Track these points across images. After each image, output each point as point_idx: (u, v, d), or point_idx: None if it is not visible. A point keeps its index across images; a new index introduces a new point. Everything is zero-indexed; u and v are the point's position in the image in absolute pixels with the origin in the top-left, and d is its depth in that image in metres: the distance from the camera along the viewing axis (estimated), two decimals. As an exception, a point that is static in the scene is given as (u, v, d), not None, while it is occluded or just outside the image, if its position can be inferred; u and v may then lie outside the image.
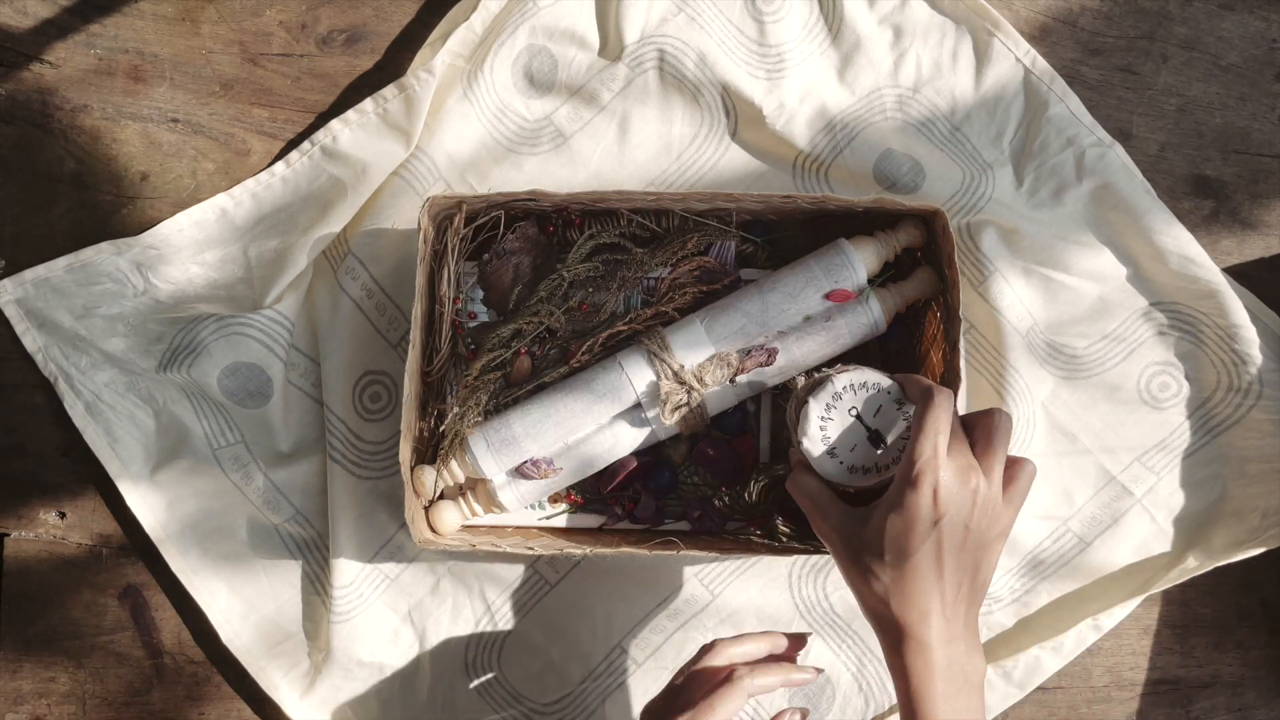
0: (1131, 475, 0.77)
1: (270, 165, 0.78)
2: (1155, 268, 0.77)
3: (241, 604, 0.76)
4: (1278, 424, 0.76)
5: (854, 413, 0.60)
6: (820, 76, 0.79)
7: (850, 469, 0.60)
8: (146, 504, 0.76)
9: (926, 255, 0.73)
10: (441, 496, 0.72)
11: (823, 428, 0.60)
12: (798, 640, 0.63)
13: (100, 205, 0.79)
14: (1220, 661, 0.79)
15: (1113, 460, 0.77)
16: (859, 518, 0.58)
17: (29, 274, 0.76)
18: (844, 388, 0.61)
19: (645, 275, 0.73)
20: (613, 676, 0.77)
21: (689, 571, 0.76)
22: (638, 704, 0.76)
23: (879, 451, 0.60)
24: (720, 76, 0.77)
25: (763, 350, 0.69)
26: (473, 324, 0.74)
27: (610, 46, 0.78)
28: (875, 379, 0.61)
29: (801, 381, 0.65)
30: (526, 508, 0.75)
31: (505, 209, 0.73)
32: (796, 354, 0.70)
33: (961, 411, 0.69)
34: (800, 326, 0.70)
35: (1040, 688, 0.77)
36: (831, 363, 0.69)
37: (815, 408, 0.60)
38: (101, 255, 0.76)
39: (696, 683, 0.59)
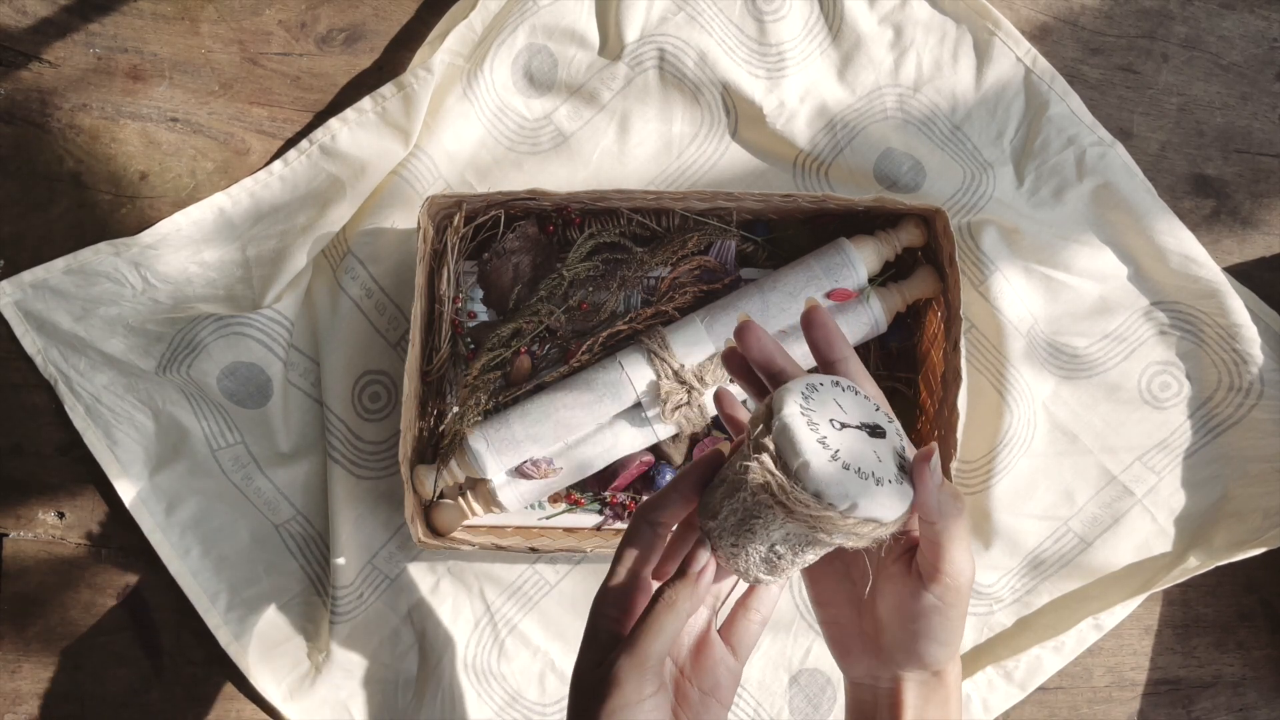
0: (1132, 475, 0.77)
1: (269, 164, 0.78)
2: (1156, 267, 0.77)
3: (242, 605, 0.76)
4: (1279, 424, 0.76)
5: (837, 424, 0.40)
6: (821, 75, 0.79)
7: (897, 479, 0.40)
8: (146, 507, 0.76)
9: (927, 254, 0.73)
10: (441, 496, 0.72)
11: (845, 465, 0.39)
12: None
13: (99, 204, 0.78)
14: (1221, 661, 0.79)
15: (1114, 460, 0.77)
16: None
17: (27, 275, 0.76)
18: (804, 414, 0.40)
19: (645, 275, 0.73)
20: (613, 677, 0.76)
21: (689, 571, 0.76)
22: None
23: (887, 439, 0.41)
24: (720, 75, 0.77)
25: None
26: (472, 323, 0.74)
27: (610, 45, 0.78)
28: (806, 380, 0.42)
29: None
30: (526, 508, 0.74)
31: (505, 208, 0.72)
32: (797, 353, 0.70)
33: (961, 410, 0.69)
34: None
35: (1041, 688, 0.77)
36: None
37: (817, 455, 0.38)
38: (100, 256, 0.76)
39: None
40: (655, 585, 0.44)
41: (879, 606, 0.46)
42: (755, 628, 0.48)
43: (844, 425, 0.40)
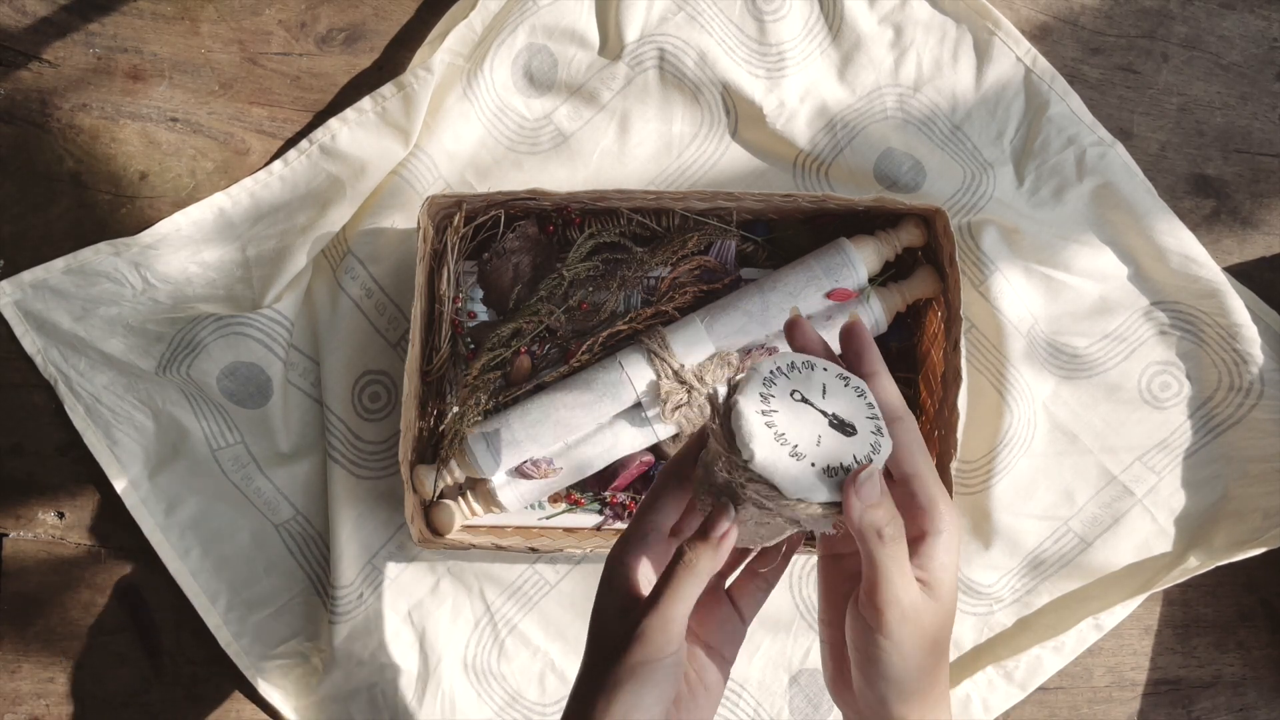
0: (1132, 475, 0.77)
1: (269, 164, 0.78)
2: (1156, 267, 0.77)
3: (242, 605, 0.76)
4: (1279, 424, 0.76)
5: (797, 396, 0.42)
6: (821, 75, 0.79)
7: (827, 470, 0.41)
8: (146, 507, 0.76)
9: (927, 254, 0.73)
10: (441, 496, 0.72)
11: (770, 423, 0.41)
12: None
13: (99, 204, 0.78)
14: (1221, 661, 0.79)
15: (1114, 460, 0.77)
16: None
17: (27, 275, 0.76)
18: (772, 371, 0.43)
19: (645, 274, 0.73)
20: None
21: (689, 571, 0.76)
22: (638, 704, 0.76)
23: (851, 440, 0.42)
24: (720, 75, 0.77)
25: (763, 349, 0.69)
26: (472, 323, 0.74)
27: (610, 45, 0.78)
28: (805, 357, 0.44)
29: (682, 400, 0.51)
30: (526, 508, 0.74)
31: (505, 208, 0.72)
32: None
33: (961, 409, 0.68)
34: (801, 326, 0.70)
35: (1041, 688, 0.77)
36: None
37: (749, 403, 0.41)
38: (100, 256, 0.76)
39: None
40: (672, 541, 0.45)
41: (847, 640, 0.44)
42: (761, 595, 0.48)
43: (804, 400, 0.42)
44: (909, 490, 0.44)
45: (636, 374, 0.69)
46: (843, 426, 0.42)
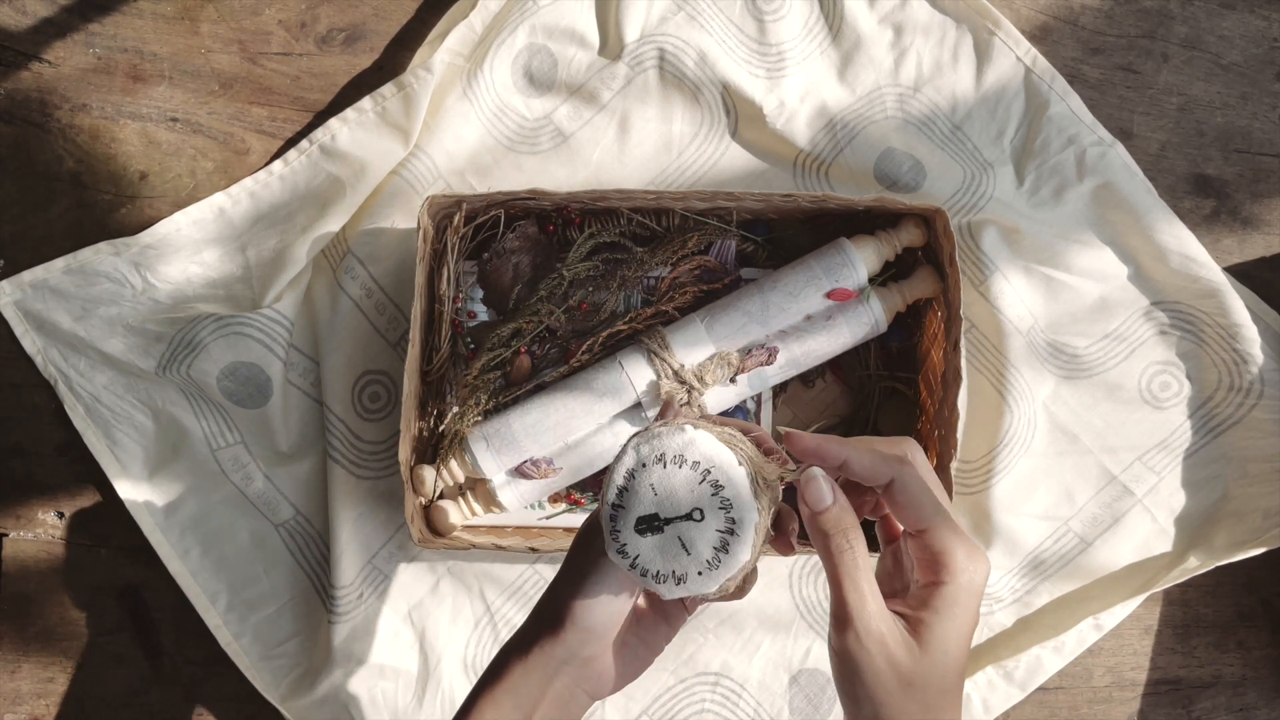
0: (1133, 475, 0.77)
1: (269, 164, 0.78)
2: (1156, 267, 0.77)
3: (242, 605, 0.76)
4: (1279, 423, 0.76)
5: (654, 507, 0.42)
6: (821, 75, 0.79)
7: (622, 557, 0.43)
8: (145, 507, 0.76)
9: (927, 254, 0.73)
10: (441, 496, 0.72)
11: (623, 492, 0.42)
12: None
13: (99, 204, 0.78)
14: (1221, 661, 0.79)
15: (1114, 460, 0.77)
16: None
17: (27, 275, 0.76)
18: (675, 457, 0.42)
19: (645, 274, 0.73)
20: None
21: (689, 571, 0.76)
22: (636, 705, 0.76)
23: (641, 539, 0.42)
24: (720, 75, 0.77)
25: (763, 349, 0.69)
26: (472, 323, 0.74)
27: (610, 45, 0.78)
28: (726, 462, 0.41)
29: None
30: (526, 508, 0.74)
31: (505, 208, 0.72)
32: (797, 353, 0.70)
33: (961, 409, 0.68)
34: (801, 326, 0.70)
35: (1041, 688, 0.77)
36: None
37: (630, 459, 0.42)
38: (100, 255, 0.76)
39: None
40: None
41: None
42: None
43: (662, 518, 0.42)
44: (923, 544, 0.41)
45: (636, 374, 0.69)
46: (653, 526, 0.42)
